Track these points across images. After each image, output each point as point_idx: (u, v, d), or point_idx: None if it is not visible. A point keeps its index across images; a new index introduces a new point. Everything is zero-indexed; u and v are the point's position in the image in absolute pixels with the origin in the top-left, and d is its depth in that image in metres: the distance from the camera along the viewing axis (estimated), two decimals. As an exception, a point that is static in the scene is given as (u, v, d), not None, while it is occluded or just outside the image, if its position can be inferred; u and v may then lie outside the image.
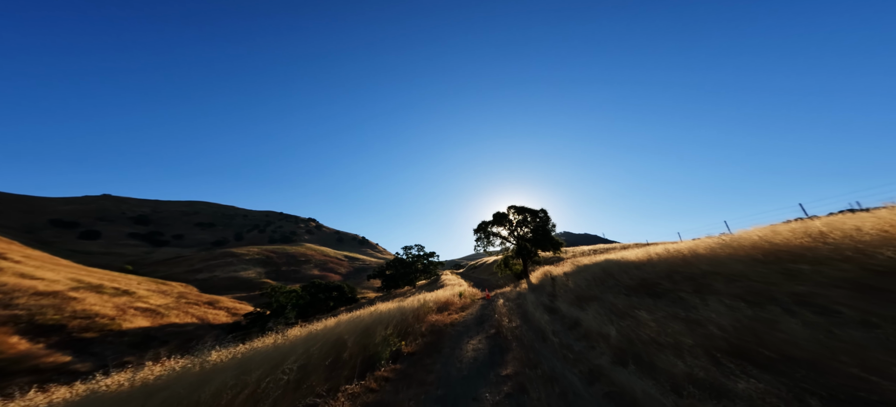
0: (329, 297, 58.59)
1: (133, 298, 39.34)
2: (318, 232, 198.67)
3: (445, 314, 12.88)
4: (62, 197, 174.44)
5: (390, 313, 10.21)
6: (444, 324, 11.03)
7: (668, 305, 6.26)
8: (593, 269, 10.61)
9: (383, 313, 10.18)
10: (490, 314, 11.83)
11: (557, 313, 8.88)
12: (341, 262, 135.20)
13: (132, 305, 37.04)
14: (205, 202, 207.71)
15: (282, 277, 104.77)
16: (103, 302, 35.22)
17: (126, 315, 34.12)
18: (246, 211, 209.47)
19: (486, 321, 10.74)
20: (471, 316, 12.44)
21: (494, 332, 8.93)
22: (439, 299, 15.14)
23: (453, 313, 13.21)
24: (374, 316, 9.66)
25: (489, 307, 14.22)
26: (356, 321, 8.69)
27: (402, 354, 8.06)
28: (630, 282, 7.97)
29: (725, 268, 6.25)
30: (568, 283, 10.67)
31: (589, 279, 9.85)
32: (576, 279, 10.53)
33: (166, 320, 36.91)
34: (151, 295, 43.44)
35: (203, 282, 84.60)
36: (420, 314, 11.31)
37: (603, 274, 9.52)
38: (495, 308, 12.40)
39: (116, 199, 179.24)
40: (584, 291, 9.17)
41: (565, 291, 9.88)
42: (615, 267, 9.32)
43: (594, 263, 12.03)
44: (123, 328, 31.32)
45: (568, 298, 9.41)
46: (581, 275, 10.68)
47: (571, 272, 12.55)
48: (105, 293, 38.21)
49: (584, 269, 11.30)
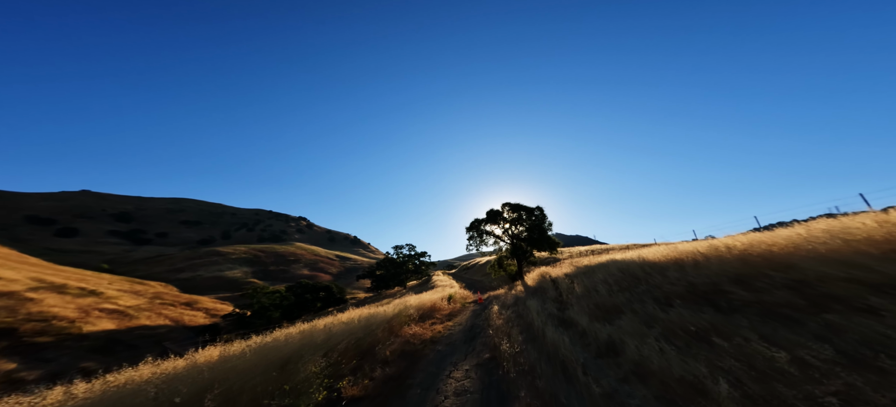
0: (316, 297, 56.37)
1: (100, 299, 36.64)
2: (310, 231, 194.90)
3: (428, 324, 10.70)
4: (40, 193, 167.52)
5: (349, 327, 7.95)
6: (421, 340, 8.72)
7: (765, 325, 3.96)
8: (606, 270, 8.70)
9: (337, 329, 7.85)
10: (482, 325, 9.77)
11: (574, 329, 6.57)
12: (332, 261, 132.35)
13: (98, 307, 34.40)
14: (191, 200, 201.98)
15: (270, 277, 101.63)
16: (65, 303, 32.54)
17: (89, 317, 31.54)
18: (235, 209, 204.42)
19: (477, 336, 8.50)
20: (459, 327, 10.32)
21: (489, 356, 6.51)
22: (423, 305, 12.98)
23: (437, 324, 10.92)
24: (322, 332, 7.13)
25: (482, 315, 12.07)
26: (306, 337, 6.70)
27: (341, 400, 5.32)
28: (672, 288, 5.82)
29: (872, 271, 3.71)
30: (574, 287, 8.76)
31: (606, 283, 7.84)
32: (584, 282, 8.66)
33: (136, 323, 34.37)
34: (122, 296, 40.70)
35: (185, 282, 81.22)
36: (394, 326, 9.01)
37: (624, 276, 7.57)
38: (489, 317, 10.32)
39: (97, 196, 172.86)
40: (605, 298, 7.03)
41: (577, 299, 7.87)
42: (638, 268, 7.43)
43: (600, 264, 10.45)
44: (84, 332, 28.81)
45: (584, 307, 7.17)
46: (590, 278, 8.84)
47: (574, 274, 10.91)
48: (68, 294, 35.46)
49: (591, 270, 9.48)
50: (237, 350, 6.37)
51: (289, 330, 8.51)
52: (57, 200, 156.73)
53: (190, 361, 6.04)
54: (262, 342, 6.86)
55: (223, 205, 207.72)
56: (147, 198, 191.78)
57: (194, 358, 6.11)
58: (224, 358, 5.80)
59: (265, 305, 40.85)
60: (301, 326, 8.65)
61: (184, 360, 6.18)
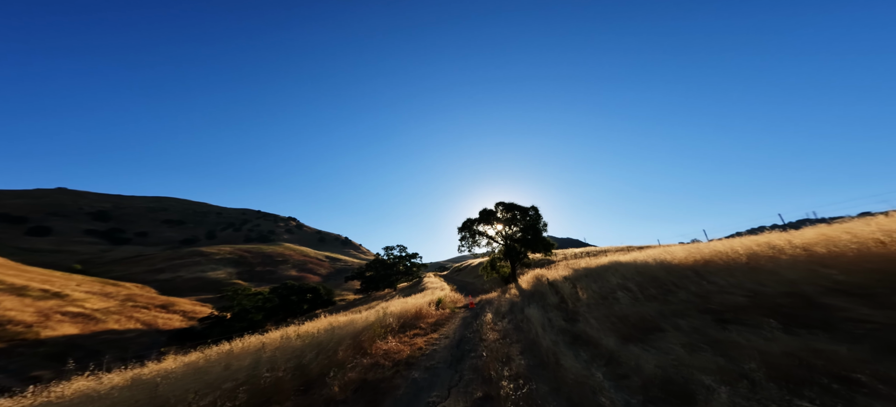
0: (303, 299, 54.31)
1: (64, 302, 34.06)
2: (299, 231, 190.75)
3: (408, 336, 8.90)
4: (12, 190, 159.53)
5: (299, 346, 5.86)
6: (395, 361, 6.74)
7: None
8: (619, 274, 7.19)
9: (279, 348, 5.70)
10: (474, 340, 7.87)
11: (596, 351, 4.85)
12: (322, 262, 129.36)
13: (61, 310, 31.89)
14: (175, 198, 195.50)
15: (256, 278, 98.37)
16: (23, 306, 30.02)
17: (49, 321, 29.11)
18: (221, 208, 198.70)
19: (466, 356, 6.65)
20: (445, 340, 8.43)
21: (482, 396, 4.57)
22: (407, 311, 11.16)
23: (420, 336, 9.03)
24: (250, 355, 5.05)
25: (473, 324, 10.33)
26: (229, 359, 5.02)
27: None
28: (726, 297, 4.45)
29: None
30: (578, 292, 7.51)
31: (626, 289, 6.30)
32: (592, 288, 7.34)
33: (102, 327, 31.98)
34: (90, 298, 38.07)
35: (164, 283, 77.72)
36: (364, 341, 6.98)
37: (644, 281, 6.09)
38: (482, 328, 8.62)
39: (73, 194, 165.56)
40: (627, 308, 5.52)
41: (587, 308, 6.43)
42: (660, 271, 6.01)
43: (605, 266, 9.37)
44: (42, 337, 26.47)
45: (602, 320, 5.63)
46: (599, 282, 7.47)
47: (575, 277, 9.79)
48: (29, 296, 32.84)
49: (597, 274, 8.11)
50: (169, 367, 5.03)
51: (246, 341, 7.18)
52: (30, 198, 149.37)
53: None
54: (193, 360, 5.50)
55: (209, 204, 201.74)
56: (127, 196, 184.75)
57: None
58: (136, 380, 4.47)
59: (246, 307, 38.81)
60: (248, 339, 7.25)
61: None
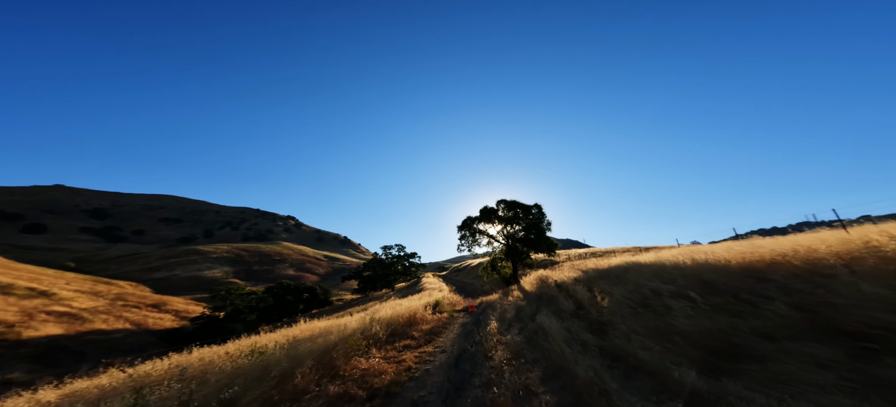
0: (299, 299, 53.28)
1: (50, 301, 32.99)
2: (298, 230, 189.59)
3: (397, 348, 7.49)
4: (8, 187, 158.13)
5: (245, 367, 4.53)
6: (371, 389, 5.28)
7: None
8: (659, 276, 5.80)
9: (211, 381, 4.35)
10: (477, 356, 6.49)
11: (664, 387, 3.58)
12: (320, 262, 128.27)
13: (46, 309, 30.82)
14: (172, 196, 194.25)
15: (253, 278, 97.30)
16: (6, 305, 28.95)
17: (33, 321, 28.05)
18: (219, 207, 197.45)
19: (468, 382, 5.15)
20: (441, 356, 7.00)
21: None
22: (398, 316, 9.72)
23: (410, 348, 7.53)
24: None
25: (475, 334, 8.89)
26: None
27: None
28: (863, 316, 3.16)
29: None
30: (596, 297, 6.43)
31: (679, 297, 4.71)
32: (615, 292, 6.07)
33: (89, 327, 30.91)
34: (78, 297, 36.99)
35: (159, 281, 76.64)
36: (335, 359, 5.55)
37: (700, 286, 4.65)
38: (487, 340, 7.21)
39: (70, 191, 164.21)
40: (686, 321, 4.06)
41: (620, 318, 5.06)
42: (713, 274, 4.76)
43: (619, 267, 8.39)
44: (24, 337, 25.41)
45: (645, 333, 4.27)
46: (621, 285, 6.25)
47: (586, 279, 8.75)
48: (14, 295, 31.76)
49: (614, 275, 6.93)
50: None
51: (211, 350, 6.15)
52: (26, 195, 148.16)
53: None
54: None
55: (207, 202, 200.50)
56: (125, 194, 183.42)
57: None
58: None
59: (239, 307, 37.75)
60: (199, 352, 6.22)
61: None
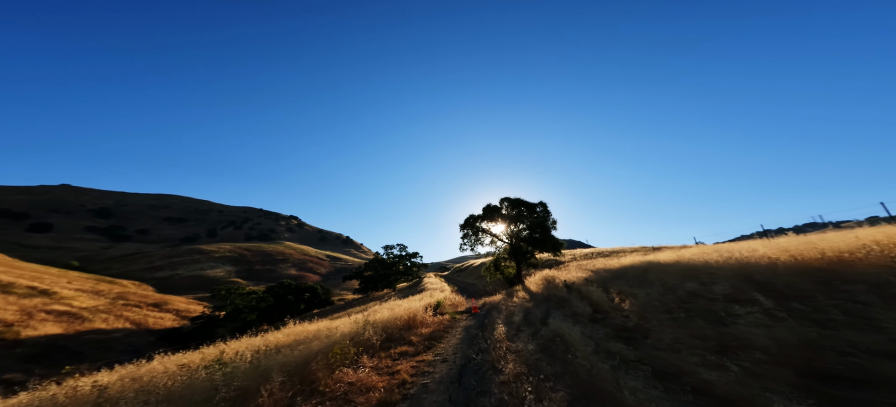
0: (300, 298, 52.94)
1: (50, 300, 32.84)
2: (300, 230, 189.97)
3: (394, 354, 6.70)
4: (15, 186, 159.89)
5: (197, 386, 3.89)
6: None
7: None
8: (692, 277, 4.99)
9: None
10: (483, 368, 5.69)
11: None
12: (322, 261, 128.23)
13: (46, 308, 30.65)
14: (177, 196, 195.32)
15: (255, 277, 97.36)
16: (6, 304, 28.80)
17: (32, 320, 27.85)
18: (222, 206, 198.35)
19: (476, 402, 4.52)
20: (442, 366, 6.16)
21: None
22: (397, 318, 8.94)
23: (406, 357, 6.61)
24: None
25: (479, 340, 7.97)
26: None
27: None
28: None
29: None
30: (615, 299, 5.77)
31: (734, 301, 4.02)
32: (636, 293, 5.34)
33: (88, 326, 30.69)
34: (79, 296, 36.86)
35: (162, 281, 76.77)
36: (314, 371, 4.83)
37: (756, 288, 3.88)
38: (495, 348, 6.36)
39: (76, 190, 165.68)
40: (758, 332, 3.34)
41: (656, 324, 4.30)
42: (772, 275, 3.98)
43: (634, 266, 7.78)
44: (22, 336, 25.19)
45: (692, 344, 3.55)
46: (645, 286, 5.50)
47: (598, 279, 8.13)
48: (14, 293, 31.63)
49: (631, 275, 6.21)
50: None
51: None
52: (33, 194, 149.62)
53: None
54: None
55: (210, 202, 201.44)
56: (130, 193, 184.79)
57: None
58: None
59: (239, 306, 37.42)
60: (153, 365, 5.55)
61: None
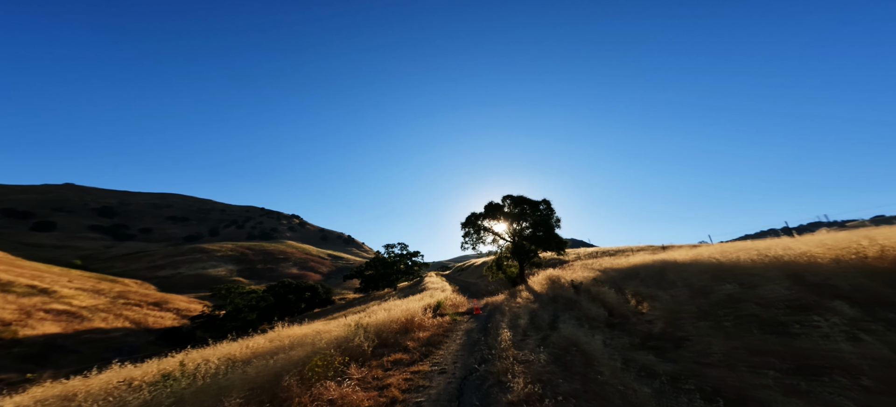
0: (300, 298, 52.70)
1: (50, 299, 32.68)
2: (302, 229, 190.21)
3: (387, 363, 6.04)
4: (19, 185, 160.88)
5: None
6: None
7: None
8: (705, 277, 4.54)
9: None
10: (488, 383, 5.06)
11: None
12: (324, 261, 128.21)
13: (45, 307, 30.48)
14: (179, 195, 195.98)
15: (257, 276, 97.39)
16: (4, 303, 28.63)
17: (31, 319, 27.67)
18: (224, 205, 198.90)
19: None
20: (440, 379, 5.52)
21: None
22: (393, 320, 8.27)
23: (399, 367, 5.83)
24: None
25: (483, 347, 7.15)
26: None
27: None
28: None
29: None
30: (632, 303, 5.22)
31: (786, 307, 3.54)
32: (657, 295, 4.82)
33: (87, 325, 30.50)
34: (79, 295, 36.71)
35: (164, 279, 76.86)
36: (285, 388, 4.35)
37: (819, 291, 3.46)
38: (499, 359, 5.58)
39: (80, 190, 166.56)
40: (862, 351, 2.90)
41: (693, 332, 3.86)
42: (810, 273, 3.64)
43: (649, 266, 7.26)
44: (20, 336, 24.98)
45: (765, 363, 3.05)
46: (666, 288, 4.95)
47: (608, 279, 7.62)
48: (13, 292, 31.49)
49: (648, 275, 5.64)
50: None
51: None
52: (37, 193, 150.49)
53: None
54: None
55: (213, 201, 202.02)
56: (133, 192, 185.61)
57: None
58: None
59: (239, 306, 37.15)
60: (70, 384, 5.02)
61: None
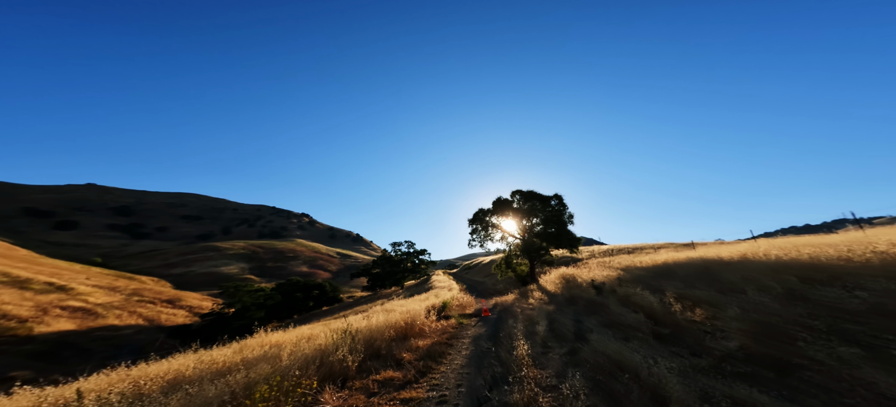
0: (308, 296, 52.85)
1: (66, 296, 33.36)
2: (311, 228, 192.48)
3: (370, 383, 5.15)
4: (42, 185, 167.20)
5: None
6: None
7: None
8: (778, 278, 3.79)
9: None
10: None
11: None
12: (332, 259, 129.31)
13: (61, 304, 31.09)
14: (193, 194, 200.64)
15: (267, 274, 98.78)
16: (22, 300, 29.27)
17: (46, 317, 28.20)
18: (236, 204, 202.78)
19: None
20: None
21: None
22: (391, 325, 7.37)
23: (389, 390, 4.89)
24: None
25: (495, 361, 5.99)
26: None
27: None
28: None
29: None
30: (675, 308, 4.25)
31: None
32: (716, 301, 3.92)
33: (101, 322, 31.00)
34: (94, 292, 37.46)
35: (178, 277, 78.52)
36: None
37: None
38: (518, 387, 4.39)
39: (100, 189, 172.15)
40: None
41: (813, 357, 2.99)
42: None
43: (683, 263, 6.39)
44: (34, 333, 25.42)
45: None
46: (731, 292, 3.97)
47: (631, 279, 6.80)
48: (30, 289, 32.24)
49: (688, 275, 4.86)
50: None
51: None
52: (59, 193, 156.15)
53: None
54: None
55: (225, 200, 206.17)
56: (149, 192, 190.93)
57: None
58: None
59: (248, 304, 37.29)
60: None
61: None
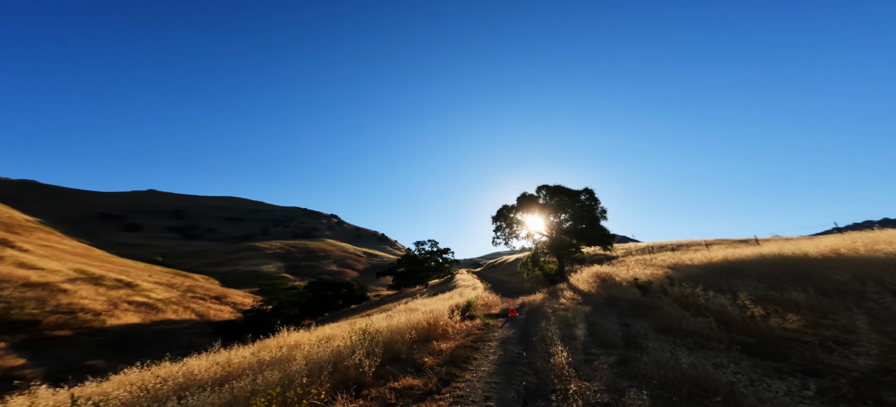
0: (337, 294, 55.08)
1: (133, 292, 37.36)
2: (339, 228, 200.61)
3: (386, 394, 4.77)
4: (111, 192, 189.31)
5: None
6: None
7: None
8: None
9: None
10: None
11: None
12: (359, 258, 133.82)
13: (128, 299, 34.87)
14: (235, 198, 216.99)
15: (300, 272, 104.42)
16: (96, 295, 33.19)
17: (116, 310, 31.75)
18: (272, 207, 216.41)
19: None
20: None
21: None
22: (413, 326, 6.99)
23: (404, 404, 4.44)
24: None
25: (525, 368, 5.61)
26: None
27: None
28: None
29: None
30: (756, 314, 3.52)
31: None
32: (828, 305, 3.18)
33: (161, 316, 34.37)
34: (156, 288, 41.62)
35: (225, 275, 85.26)
36: None
37: None
38: (561, 403, 4.02)
39: (159, 195, 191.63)
40: None
41: None
42: None
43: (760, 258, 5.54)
44: (106, 325, 28.70)
45: None
46: (857, 297, 3.43)
47: (684, 278, 6.02)
48: (103, 286, 36.45)
49: (765, 273, 4.19)
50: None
51: None
52: (125, 199, 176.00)
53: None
54: None
55: (262, 203, 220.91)
56: (199, 196, 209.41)
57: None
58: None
59: (283, 301, 39.57)
60: None
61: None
